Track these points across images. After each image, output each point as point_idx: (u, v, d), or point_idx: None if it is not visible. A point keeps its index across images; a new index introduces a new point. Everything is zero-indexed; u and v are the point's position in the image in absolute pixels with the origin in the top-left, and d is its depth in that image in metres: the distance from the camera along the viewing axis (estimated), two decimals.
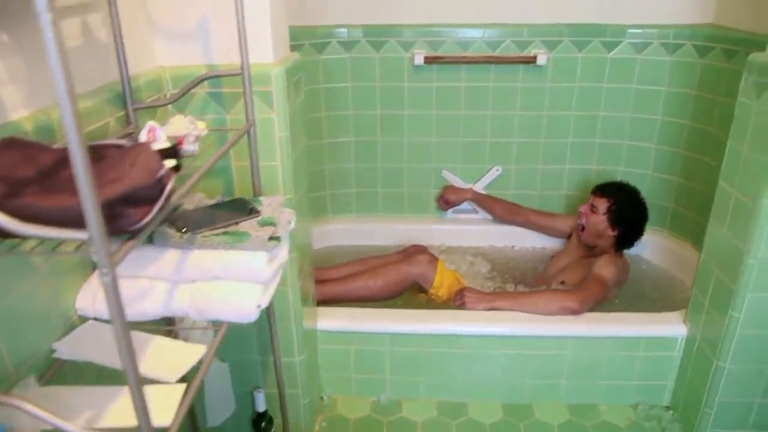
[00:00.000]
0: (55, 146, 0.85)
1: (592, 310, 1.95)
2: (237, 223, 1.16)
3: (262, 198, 1.26)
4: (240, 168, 1.51)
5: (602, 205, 2.23)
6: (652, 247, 2.56)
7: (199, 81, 1.24)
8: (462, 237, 2.65)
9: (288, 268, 1.61)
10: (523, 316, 1.93)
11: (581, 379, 1.97)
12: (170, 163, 0.86)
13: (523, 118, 2.47)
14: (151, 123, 0.91)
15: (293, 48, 2.34)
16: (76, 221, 0.61)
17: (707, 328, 1.77)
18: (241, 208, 1.21)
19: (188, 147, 0.99)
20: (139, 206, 0.70)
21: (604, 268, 2.07)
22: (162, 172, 0.71)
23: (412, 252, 2.34)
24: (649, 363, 1.93)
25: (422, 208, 2.67)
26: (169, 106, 1.44)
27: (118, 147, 0.81)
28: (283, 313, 1.68)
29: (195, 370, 0.97)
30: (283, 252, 1.20)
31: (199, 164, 0.99)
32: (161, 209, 0.75)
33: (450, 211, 2.66)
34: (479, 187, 2.59)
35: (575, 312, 1.90)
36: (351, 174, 2.61)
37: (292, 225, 1.28)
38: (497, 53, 2.36)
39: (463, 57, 2.36)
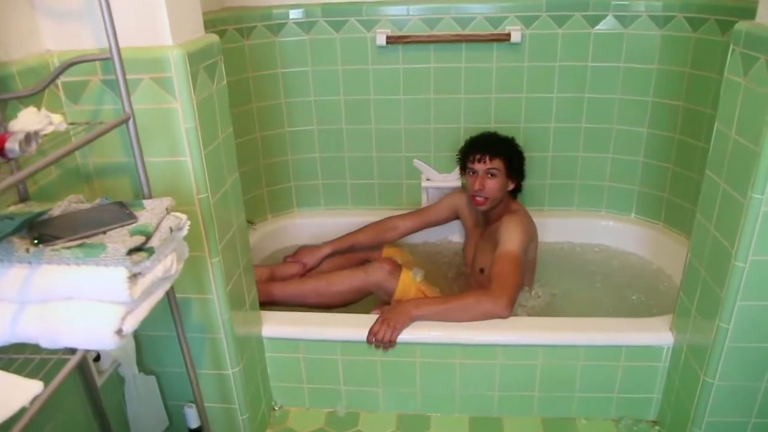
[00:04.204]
0: None
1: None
2: (104, 233, 0.99)
3: (146, 201, 1.09)
4: (153, 165, 1.32)
5: (499, 164, 2.00)
6: (645, 241, 2.34)
7: (60, 71, 1.06)
8: (438, 230, 2.44)
9: (212, 274, 1.44)
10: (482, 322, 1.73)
11: (556, 390, 1.77)
12: None
13: (500, 101, 2.26)
14: None
15: (245, 30, 2.16)
16: None
17: (694, 338, 1.56)
18: (116, 214, 1.04)
19: (12, 146, 0.82)
20: None
21: (509, 239, 1.85)
22: None
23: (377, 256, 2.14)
24: (632, 374, 1.73)
25: (395, 199, 2.48)
26: (62, 96, 1.27)
27: None
28: (210, 324, 1.51)
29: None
30: (162, 264, 1.02)
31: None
32: None
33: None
34: (454, 178, 2.38)
35: (501, 317, 1.71)
36: (316, 164, 2.43)
37: (184, 231, 1.11)
38: (467, 31, 2.14)
39: (430, 36, 2.14)
